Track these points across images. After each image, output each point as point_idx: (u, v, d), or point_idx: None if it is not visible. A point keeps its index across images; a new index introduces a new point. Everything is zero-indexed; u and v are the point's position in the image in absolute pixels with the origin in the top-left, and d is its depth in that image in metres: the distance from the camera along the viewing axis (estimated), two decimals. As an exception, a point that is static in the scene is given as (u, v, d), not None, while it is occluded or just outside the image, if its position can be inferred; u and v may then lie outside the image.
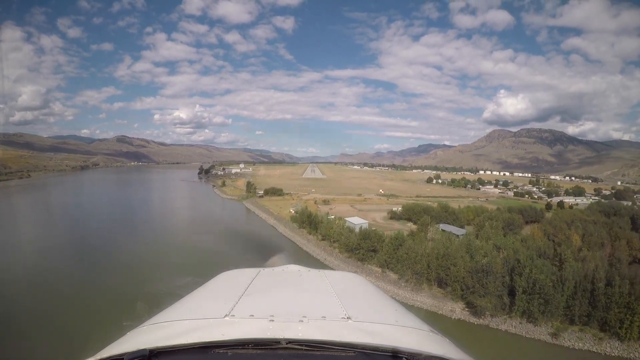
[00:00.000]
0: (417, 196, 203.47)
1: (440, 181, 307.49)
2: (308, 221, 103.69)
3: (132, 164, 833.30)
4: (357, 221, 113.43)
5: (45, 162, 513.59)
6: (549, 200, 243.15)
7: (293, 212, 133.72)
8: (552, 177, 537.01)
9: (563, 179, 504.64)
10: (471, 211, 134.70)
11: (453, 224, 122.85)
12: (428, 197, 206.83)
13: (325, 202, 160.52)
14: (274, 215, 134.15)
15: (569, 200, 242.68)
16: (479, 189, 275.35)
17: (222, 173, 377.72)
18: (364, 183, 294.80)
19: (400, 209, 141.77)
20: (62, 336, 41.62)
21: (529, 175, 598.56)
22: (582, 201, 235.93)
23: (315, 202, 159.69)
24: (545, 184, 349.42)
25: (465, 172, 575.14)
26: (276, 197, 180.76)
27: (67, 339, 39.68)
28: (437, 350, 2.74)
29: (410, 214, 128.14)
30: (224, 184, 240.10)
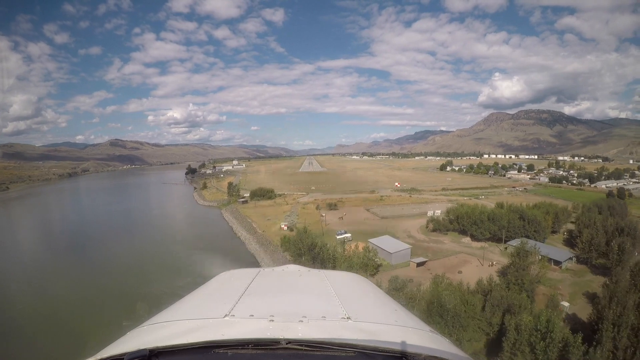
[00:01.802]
0: (443, 189, 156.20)
1: (456, 168, 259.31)
2: (310, 255, 55.54)
3: (125, 167, 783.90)
4: (391, 246, 66.21)
5: (31, 171, 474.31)
6: (593, 186, 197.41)
7: (285, 228, 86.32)
8: (560, 157, 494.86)
9: (572, 159, 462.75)
10: (549, 213, 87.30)
11: (534, 237, 76.16)
12: (456, 189, 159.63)
13: (331, 205, 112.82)
14: (258, 235, 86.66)
15: (612, 184, 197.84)
16: (504, 175, 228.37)
17: (210, 172, 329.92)
18: (371, 175, 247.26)
19: (440, 214, 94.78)
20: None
21: (535, 157, 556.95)
22: (633, 185, 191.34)
23: (317, 207, 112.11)
24: (567, 166, 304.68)
25: (470, 157, 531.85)
26: (265, 200, 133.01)
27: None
28: (437, 350, 2.70)
29: (463, 222, 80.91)
30: (205, 186, 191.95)
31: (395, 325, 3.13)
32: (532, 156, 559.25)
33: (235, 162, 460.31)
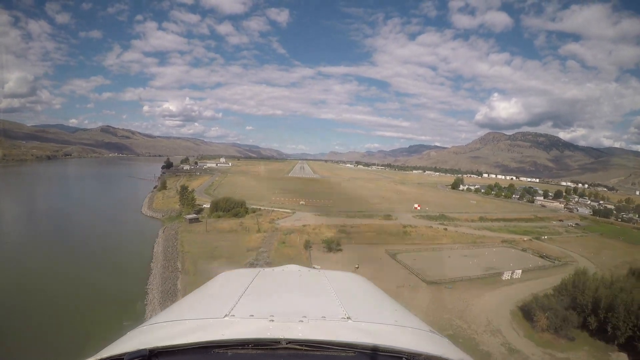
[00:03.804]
0: (480, 218, 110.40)
1: (472, 188, 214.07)
2: None
3: (111, 155, 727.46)
4: None
5: (9, 150, 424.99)
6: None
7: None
8: (563, 183, 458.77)
9: (577, 185, 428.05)
10: None
11: None
12: (496, 219, 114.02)
13: (331, 244, 65.78)
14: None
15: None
16: (532, 201, 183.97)
17: (189, 168, 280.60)
18: (374, 188, 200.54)
19: (519, 274, 49.14)
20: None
21: (537, 180, 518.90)
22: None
23: (306, 246, 65.13)
24: (587, 194, 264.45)
25: (471, 175, 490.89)
26: (229, 219, 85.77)
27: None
28: (437, 350, 2.63)
29: (619, 323, 35.01)
30: (164, 186, 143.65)
31: (395, 325, 3.05)
32: (533, 179, 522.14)
33: (222, 159, 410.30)
